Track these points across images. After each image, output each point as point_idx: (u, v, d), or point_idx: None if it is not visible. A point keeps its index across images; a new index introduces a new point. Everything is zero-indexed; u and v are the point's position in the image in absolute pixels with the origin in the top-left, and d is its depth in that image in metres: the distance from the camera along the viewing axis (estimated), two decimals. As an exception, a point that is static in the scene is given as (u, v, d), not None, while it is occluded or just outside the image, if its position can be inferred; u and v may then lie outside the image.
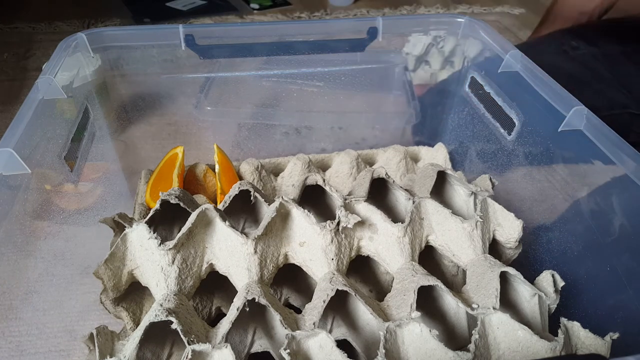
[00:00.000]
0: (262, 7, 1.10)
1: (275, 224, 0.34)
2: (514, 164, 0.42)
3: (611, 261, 0.33)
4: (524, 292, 0.32)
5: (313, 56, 0.46)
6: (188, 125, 0.52)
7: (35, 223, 0.33)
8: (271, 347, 0.32)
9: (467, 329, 0.33)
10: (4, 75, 0.80)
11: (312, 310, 0.31)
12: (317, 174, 0.38)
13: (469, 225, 0.35)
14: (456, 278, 0.40)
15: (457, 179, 0.39)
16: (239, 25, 0.45)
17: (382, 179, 0.38)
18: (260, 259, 0.32)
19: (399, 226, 0.34)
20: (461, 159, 0.51)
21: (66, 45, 0.39)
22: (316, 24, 0.45)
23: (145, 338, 0.28)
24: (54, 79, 0.35)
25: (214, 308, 0.38)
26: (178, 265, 0.31)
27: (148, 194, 0.45)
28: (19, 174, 0.30)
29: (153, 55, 0.44)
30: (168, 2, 1.09)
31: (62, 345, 0.40)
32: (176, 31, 0.41)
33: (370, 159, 0.52)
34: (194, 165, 0.48)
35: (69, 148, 0.36)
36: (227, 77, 0.48)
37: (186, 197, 0.36)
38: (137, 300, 0.36)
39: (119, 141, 0.49)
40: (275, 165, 0.50)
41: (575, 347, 0.30)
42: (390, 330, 0.28)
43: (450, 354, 0.27)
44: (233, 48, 0.44)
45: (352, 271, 0.38)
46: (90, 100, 0.42)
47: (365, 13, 1.11)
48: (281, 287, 0.39)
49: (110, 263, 0.31)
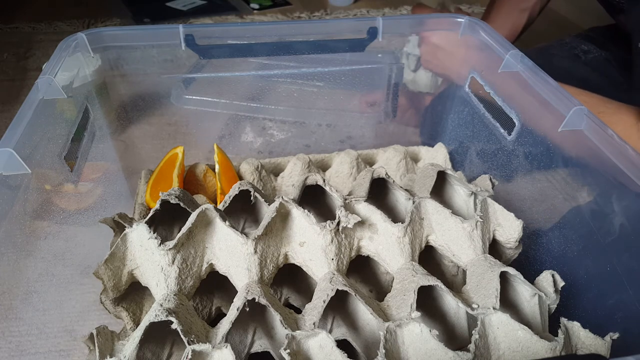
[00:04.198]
0: (262, 7, 1.10)
1: (275, 224, 0.34)
2: (514, 164, 0.42)
3: (611, 261, 0.33)
4: (524, 292, 0.32)
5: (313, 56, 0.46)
6: (188, 125, 0.52)
7: (35, 223, 0.33)
8: (271, 347, 0.32)
9: (467, 329, 0.33)
10: (4, 75, 0.80)
11: (312, 310, 0.31)
12: (317, 174, 0.38)
13: (469, 225, 0.35)
14: (456, 278, 0.40)
15: (457, 179, 0.39)
16: (239, 25, 0.45)
17: (382, 179, 0.38)
18: (260, 259, 0.32)
19: (399, 226, 0.34)
20: (461, 159, 0.51)
21: (66, 45, 0.39)
22: (316, 24, 0.45)
23: (145, 338, 0.28)
24: (54, 79, 0.35)
25: (214, 308, 0.38)
26: (178, 265, 0.31)
27: (148, 194, 0.45)
28: (19, 174, 0.30)
29: (153, 55, 0.44)
30: (168, 2, 1.09)
31: (62, 345, 0.40)
32: (176, 31, 0.41)
33: (370, 159, 0.52)
34: (194, 165, 0.48)
35: (69, 148, 0.36)
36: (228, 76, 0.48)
37: (186, 197, 0.36)
38: (137, 300, 0.36)
39: (119, 141, 0.49)
40: (275, 165, 0.50)
41: (575, 347, 0.30)
42: (390, 330, 0.28)
43: (450, 354, 0.27)
44: (233, 48, 0.44)
45: (352, 271, 0.38)
46: (90, 100, 0.42)
47: (365, 13, 1.11)
48: (281, 287, 0.39)
49: (110, 263, 0.31)
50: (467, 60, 0.47)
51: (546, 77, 0.38)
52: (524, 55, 0.40)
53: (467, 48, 0.47)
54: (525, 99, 0.39)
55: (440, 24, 0.47)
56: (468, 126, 0.49)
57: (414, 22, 0.46)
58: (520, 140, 0.41)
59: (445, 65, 0.50)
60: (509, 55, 0.40)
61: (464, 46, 0.47)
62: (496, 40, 0.42)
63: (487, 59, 0.43)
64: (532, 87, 0.38)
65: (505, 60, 0.41)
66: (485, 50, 0.44)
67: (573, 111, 0.34)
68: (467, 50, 0.47)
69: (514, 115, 0.41)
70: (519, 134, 0.41)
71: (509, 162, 0.43)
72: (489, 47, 0.43)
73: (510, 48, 0.41)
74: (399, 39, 0.49)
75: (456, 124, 0.52)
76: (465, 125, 0.50)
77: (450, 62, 0.49)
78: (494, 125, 0.44)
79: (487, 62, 0.44)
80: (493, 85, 0.43)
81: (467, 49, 0.47)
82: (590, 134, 0.34)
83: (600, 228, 0.34)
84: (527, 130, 0.40)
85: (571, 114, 0.34)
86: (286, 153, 0.53)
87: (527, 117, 0.40)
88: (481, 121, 0.46)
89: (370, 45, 0.45)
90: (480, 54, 0.45)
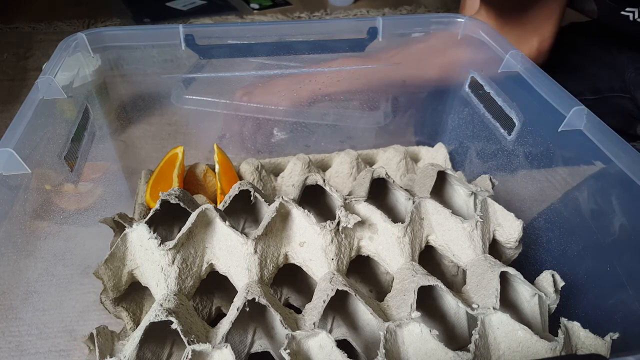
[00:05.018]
0: (262, 7, 1.10)
1: (275, 224, 0.34)
2: (514, 164, 0.42)
3: (611, 261, 0.33)
4: (524, 292, 0.32)
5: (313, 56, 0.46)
6: (188, 125, 0.52)
7: (35, 223, 0.33)
8: (271, 347, 0.32)
9: (467, 329, 0.33)
10: (4, 75, 0.80)
11: (312, 310, 0.31)
12: (317, 174, 0.38)
13: (469, 225, 0.35)
14: (456, 278, 0.40)
15: (457, 179, 0.39)
16: (239, 25, 0.45)
17: (382, 179, 0.38)
18: (260, 259, 0.32)
19: (399, 226, 0.34)
20: (461, 159, 0.51)
21: (66, 45, 0.39)
22: (316, 24, 0.45)
23: (145, 338, 0.28)
24: (54, 79, 0.35)
25: (214, 308, 0.38)
26: (178, 265, 0.31)
27: (148, 194, 0.45)
28: (19, 174, 0.30)
29: (153, 55, 0.44)
30: (168, 2, 1.09)
31: (62, 345, 0.40)
32: (176, 31, 0.41)
33: (370, 159, 0.52)
34: (194, 165, 0.48)
35: (69, 148, 0.36)
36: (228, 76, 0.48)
37: (186, 197, 0.36)
38: (137, 300, 0.36)
39: (119, 141, 0.49)
40: (275, 165, 0.50)
41: (575, 347, 0.30)
42: (390, 330, 0.28)
43: (451, 354, 0.27)
44: (233, 48, 0.44)
45: (352, 271, 0.38)
46: (90, 100, 0.42)
47: (365, 13, 1.11)
48: (281, 287, 0.39)
49: (110, 263, 0.31)
50: (467, 60, 0.47)
51: (546, 77, 0.38)
52: (524, 55, 0.40)
53: (467, 48, 0.47)
54: (525, 99, 0.39)
55: (440, 24, 0.47)
56: (468, 126, 0.49)
57: (414, 22, 0.46)
58: (520, 140, 0.41)
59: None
60: (509, 55, 0.40)
61: (464, 46, 0.47)
62: (496, 40, 0.43)
63: (487, 59, 0.43)
64: (532, 87, 0.38)
65: (505, 60, 0.41)
66: (485, 50, 0.44)
67: (573, 111, 0.34)
68: (467, 50, 0.47)
69: (514, 115, 0.41)
70: (519, 134, 0.41)
71: (509, 162, 0.43)
72: (489, 47, 0.43)
73: (510, 48, 0.41)
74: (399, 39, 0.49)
75: (456, 124, 0.52)
76: (465, 125, 0.50)
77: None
78: (494, 125, 0.44)
79: (487, 62, 0.44)
80: (493, 85, 0.43)
81: (467, 49, 0.47)
82: (590, 134, 0.34)
83: (600, 228, 0.34)
84: (527, 130, 0.40)
85: (571, 114, 0.34)
86: (286, 153, 0.53)
87: (527, 117, 0.40)
88: (481, 121, 0.46)
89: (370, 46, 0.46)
90: (480, 54, 0.45)
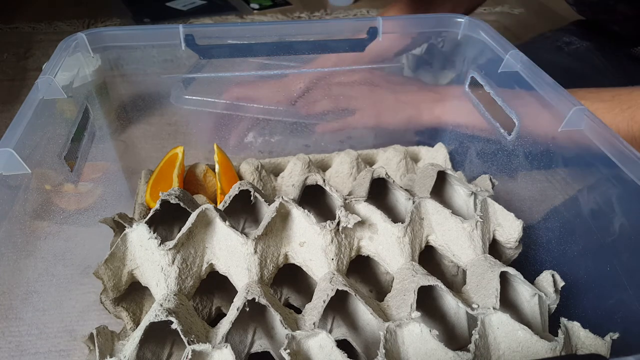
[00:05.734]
0: (262, 7, 1.10)
1: (275, 224, 0.34)
2: (514, 164, 0.42)
3: (611, 261, 0.33)
4: (524, 292, 0.32)
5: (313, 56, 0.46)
6: (188, 125, 0.52)
7: (35, 223, 0.33)
8: (271, 347, 0.32)
9: (467, 329, 0.33)
10: (4, 75, 0.80)
11: (312, 310, 0.31)
12: (317, 174, 0.38)
13: (469, 225, 0.35)
14: (456, 278, 0.40)
15: (457, 179, 0.39)
16: (239, 25, 0.45)
17: (382, 179, 0.38)
18: (260, 259, 0.32)
19: (399, 226, 0.34)
20: (461, 159, 0.51)
21: (66, 45, 0.39)
22: (316, 24, 0.45)
23: (145, 338, 0.28)
24: (54, 79, 0.35)
25: (214, 308, 0.38)
26: (178, 265, 0.31)
27: (148, 194, 0.45)
28: (19, 174, 0.30)
29: (153, 55, 0.44)
30: (168, 2, 1.09)
31: (62, 345, 0.40)
32: (176, 31, 0.41)
33: (370, 159, 0.52)
34: (194, 165, 0.48)
35: (69, 148, 0.36)
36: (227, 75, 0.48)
37: (186, 197, 0.36)
38: (137, 300, 0.36)
39: (119, 141, 0.49)
40: (275, 165, 0.50)
41: (575, 347, 0.30)
42: (390, 330, 0.28)
43: (451, 354, 0.27)
44: (233, 48, 0.44)
45: (352, 271, 0.38)
46: (90, 100, 0.42)
47: (365, 13, 1.11)
48: (281, 287, 0.39)
49: (110, 263, 0.31)
50: (467, 60, 0.47)
51: (546, 76, 0.38)
52: (524, 55, 0.40)
53: (467, 48, 0.47)
54: (525, 98, 0.39)
55: (440, 24, 0.47)
56: (468, 126, 0.49)
57: (414, 22, 0.46)
58: (520, 140, 0.41)
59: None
60: (509, 55, 0.40)
61: (464, 46, 0.47)
62: (496, 40, 0.42)
63: (487, 59, 0.43)
64: (532, 87, 0.38)
65: (505, 60, 0.41)
66: (485, 50, 0.44)
67: (573, 111, 0.34)
68: (467, 50, 0.47)
69: (514, 115, 0.41)
70: (519, 134, 0.41)
71: (509, 162, 0.43)
72: (489, 47, 0.43)
73: (510, 48, 0.41)
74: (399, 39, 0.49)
75: (456, 124, 0.52)
76: (465, 125, 0.50)
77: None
78: (494, 125, 0.44)
79: (487, 62, 0.44)
80: (493, 85, 0.43)
81: (467, 49, 0.47)
82: (590, 134, 0.34)
83: (600, 228, 0.34)
84: (527, 130, 0.40)
85: (571, 114, 0.34)
86: (286, 153, 0.53)
87: (527, 117, 0.40)
88: (481, 121, 0.46)
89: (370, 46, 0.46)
90: (480, 54, 0.45)
